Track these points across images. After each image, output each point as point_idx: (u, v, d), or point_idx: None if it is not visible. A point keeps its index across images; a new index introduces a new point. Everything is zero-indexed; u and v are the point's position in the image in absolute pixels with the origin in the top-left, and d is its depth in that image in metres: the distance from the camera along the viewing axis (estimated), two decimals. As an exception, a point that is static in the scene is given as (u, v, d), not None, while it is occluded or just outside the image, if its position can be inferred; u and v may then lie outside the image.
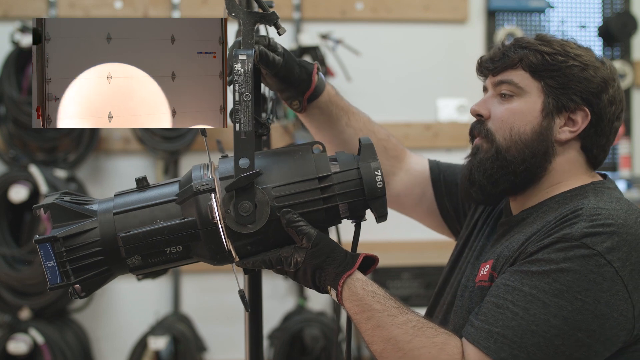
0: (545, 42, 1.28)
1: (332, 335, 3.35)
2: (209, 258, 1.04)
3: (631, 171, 3.87)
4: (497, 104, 1.31)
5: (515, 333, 1.06)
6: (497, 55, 1.31)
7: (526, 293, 1.08)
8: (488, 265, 1.23)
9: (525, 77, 1.27)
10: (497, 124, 1.29)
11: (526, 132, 1.26)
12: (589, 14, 4.04)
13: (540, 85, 1.26)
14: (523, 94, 1.27)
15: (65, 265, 0.99)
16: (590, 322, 1.06)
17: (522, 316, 1.06)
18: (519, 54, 1.28)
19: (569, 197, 1.24)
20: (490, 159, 1.27)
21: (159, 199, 1.04)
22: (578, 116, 1.26)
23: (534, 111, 1.26)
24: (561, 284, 1.07)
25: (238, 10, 1.09)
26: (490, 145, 1.28)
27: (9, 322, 3.38)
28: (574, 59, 1.26)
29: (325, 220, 1.06)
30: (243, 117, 1.04)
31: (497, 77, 1.31)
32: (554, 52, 1.26)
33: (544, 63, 1.26)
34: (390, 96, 3.81)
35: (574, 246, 1.09)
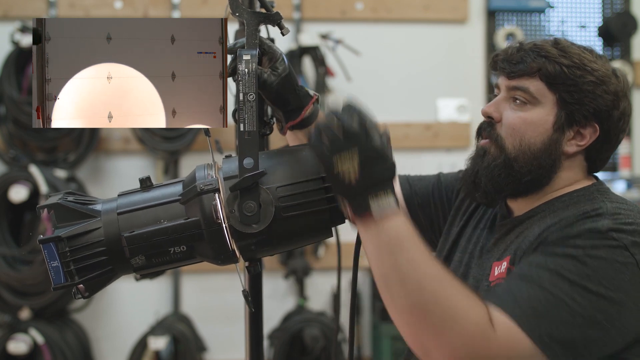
0: (564, 52, 1.26)
1: (332, 335, 3.35)
2: (213, 258, 1.03)
3: (631, 171, 3.88)
4: (509, 109, 1.29)
5: (541, 304, 1.06)
6: (514, 58, 1.28)
7: (552, 271, 1.10)
8: (505, 262, 1.24)
9: (541, 87, 1.26)
10: (508, 131, 1.27)
11: (536, 144, 1.26)
12: (589, 14, 4.05)
13: (555, 97, 1.26)
14: (537, 103, 1.26)
15: (70, 265, 0.99)
16: (610, 307, 1.08)
17: (550, 290, 1.07)
18: (538, 62, 1.26)
19: (576, 197, 1.26)
20: (498, 166, 1.27)
21: (163, 199, 1.04)
22: (587, 131, 1.27)
23: (546, 123, 1.26)
24: (588, 268, 1.09)
25: (242, 10, 1.09)
26: (499, 151, 1.28)
27: (9, 322, 3.38)
28: (590, 73, 1.25)
29: (329, 220, 1.06)
30: (247, 117, 1.04)
31: (513, 81, 1.29)
32: (573, 65, 1.25)
33: (562, 76, 1.25)
34: (390, 96, 3.81)
35: (601, 238, 1.11)
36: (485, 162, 1.29)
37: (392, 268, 1.03)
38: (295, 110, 1.23)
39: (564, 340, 1.05)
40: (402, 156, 3.91)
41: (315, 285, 3.72)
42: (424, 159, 3.76)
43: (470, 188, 1.32)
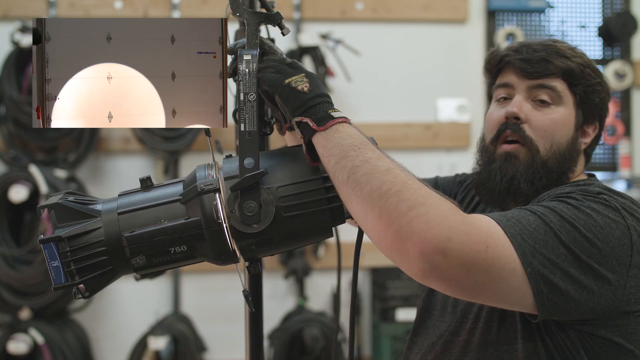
0: (575, 53, 1.29)
1: (332, 335, 3.35)
2: (214, 258, 1.03)
3: (631, 171, 3.88)
4: (532, 109, 1.29)
5: (529, 224, 1.04)
6: (534, 59, 1.29)
7: (545, 206, 1.10)
8: None
9: (564, 87, 1.28)
10: (539, 132, 1.28)
11: (563, 144, 1.28)
12: (589, 14, 4.05)
13: (574, 97, 1.29)
14: (561, 103, 1.28)
15: (70, 265, 0.99)
16: (595, 254, 1.06)
17: (539, 217, 1.06)
18: (561, 62, 1.27)
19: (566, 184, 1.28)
20: (536, 169, 1.27)
21: (164, 199, 1.04)
22: (590, 128, 1.31)
23: (570, 123, 1.29)
24: (581, 213, 1.09)
25: (242, 10, 1.09)
26: (532, 154, 1.27)
27: (9, 322, 3.38)
28: (595, 72, 1.29)
29: (330, 220, 1.05)
30: (248, 117, 1.04)
31: (537, 81, 1.29)
32: (585, 64, 1.29)
33: (581, 76, 1.28)
34: (390, 96, 3.82)
35: (594, 196, 1.13)
36: (521, 166, 1.27)
37: (362, 163, 0.99)
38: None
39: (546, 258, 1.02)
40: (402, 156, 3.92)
41: (315, 285, 3.72)
42: (424, 159, 3.76)
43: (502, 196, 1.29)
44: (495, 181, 1.29)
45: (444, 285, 0.97)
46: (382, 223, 0.96)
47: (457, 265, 0.94)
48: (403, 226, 0.94)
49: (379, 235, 0.98)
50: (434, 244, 0.93)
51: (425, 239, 0.93)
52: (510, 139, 1.29)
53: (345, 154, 1.00)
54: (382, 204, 0.96)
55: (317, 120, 1.03)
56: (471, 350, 1.26)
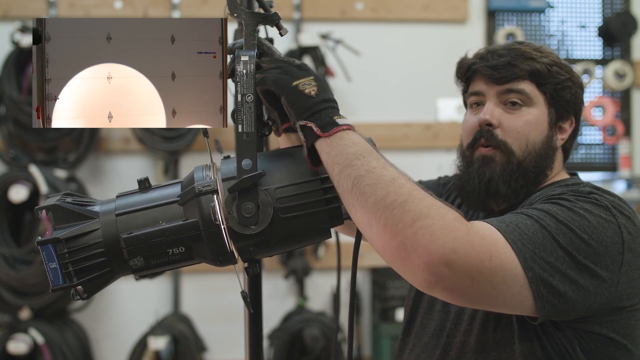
0: (544, 53, 1.33)
1: (332, 335, 3.35)
2: (212, 259, 1.03)
3: (631, 171, 3.88)
4: (504, 113, 1.32)
5: (528, 229, 1.06)
6: (500, 65, 1.31)
7: (539, 209, 1.12)
8: None
9: (532, 88, 1.31)
10: (512, 135, 1.30)
11: (538, 143, 1.30)
12: (589, 14, 4.04)
13: (545, 97, 1.31)
14: (532, 104, 1.31)
15: (68, 267, 0.98)
16: (590, 253, 1.09)
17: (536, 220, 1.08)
18: (527, 65, 1.30)
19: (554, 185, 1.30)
20: (512, 170, 1.29)
21: (161, 200, 1.03)
22: (566, 124, 1.35)
23: (543, 122, 1.31)
24: (575, 214, 1.11)
25: (240, 10, 1.09)
26: (507, 157, 1.30)
27: (9, 322, 3.38)
28: (563, 69, 1.32)
29: (328, 221, 1.05)
30: (245, 118, 1.04)
31: (505, 85, 1.32)
32: (552, 63, 1.32)
33: (549, 76, 1.31)
34: (390, 96, 3.82)
35: (585, 196, 1.15)
36: (497, 168, 1.30)
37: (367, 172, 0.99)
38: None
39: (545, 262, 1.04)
40: (402, 156, 3.93)
41: (315, 285, 3.72)
42: (424, 159, 3.76)
43: (481, 198, 1.31)
44: (474, 184, 1.32)
45: (448, 294, 0.98)
46: (386, 234, 0.97)
47: (462, 276, 0.96)
48: (408, 238, 0.95)
49: (384, 245, 0.98)
50: (439, 255, 0.94)
51: (431, 251, 0.94)
52: (485, 144, 1.32)
53: (349, 162, 1.00)
54: (387, 215, 0.96)
55: (321, 126, 1.03)
56: (468, 352, 1.26)
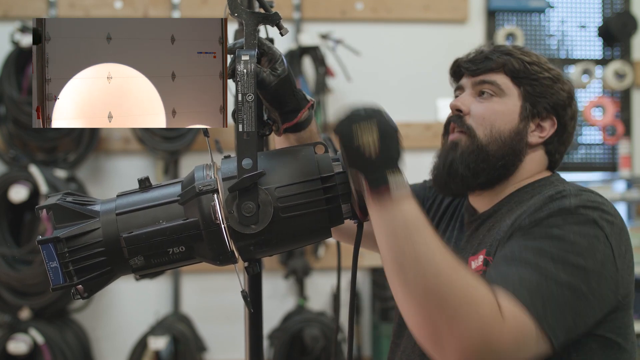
0: (524, 52, 1.38)
1: (332, 335, 3.35)
2: (212, 259, 1.03)
3: (631, 171, 3.88)
4: (476, 102, 1.36)
5: (531, 282, 1.08)
6: (478, 58, 1.39)
7: (534, 249, 1.12)
8: (481, 255, 1.27)
9: (506, 81, 1.35)
10: (478, 120, 1.35)
11: (505, 131, 1.33)
12: (589, 14, 4.05)
13: (519, 90, 1.35)
14: (503, 95, 1.35)
15: (68, 266, 0.99)
16: (591, 278, 1.11)
17: (535, 269, 1.09)
18: (502, 59, 1.36)
19: (538, 186, 1.33)
20: (473, 152, 1.33)
21: (162, 200, 1.03)
22: (547, 124, 1.36)
23: (513, 113, 1.34)
24: (565, 243, 1.12)
25: (241, 10, 1.09)
26: (471, 140, 1.34)
27: (9, 322, 3.38)
28: (547, 71, 1.36)
29: (328, 220, 1.05)
30: (246, 117, 1.04)
31: (479, 77, 1.37)
32: (533, 62, 1.36)
33: (525, 71, 1.35)
34: (390, 96, 3.81)
35: (572, 214, 1.16)
36: (458, 151, 1.34)
37: (408, 251, 1.01)
38: (292, 112, 1.22)
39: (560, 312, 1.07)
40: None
41: (315, 285, 3.72)
42: (424, 159, 3.73)
43: (444, 180, 1.36)
44: (439, 167, 1.36)
45: None
46: (421, 317, 1.01)
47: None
48: (443, 326, 1.00)
49: (417, 325, 1.03)
50: (472, 349, 0.99)
51: (464, 346, 0.99)
52: (456, 130, 1.37)
53: (396, 233, 1.01)
54: (424, 299, 1.00)
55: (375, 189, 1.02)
56: None
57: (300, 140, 1.26)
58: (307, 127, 1.26)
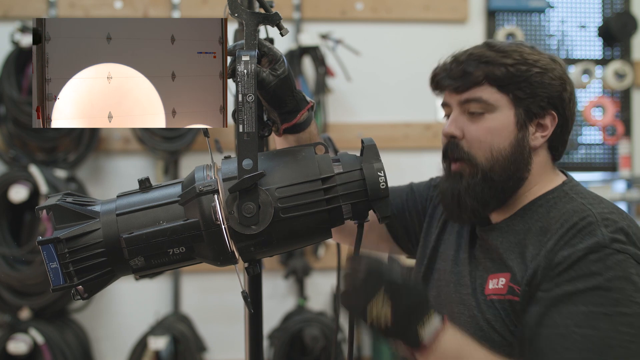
0: (503, 52, 1.28)
1: (332, 335, 3.35)
2: (212, 259, 1.03)
3: (631, 171, 3.87)
4: (468, 122, 1.29)
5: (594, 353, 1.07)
6: (456, 73, 1.29)
7: (586, 312, 1.10)
8: (503, 278, 1.24)
9: (492, 92, 1.27)
10: (475, 145, 1.28)
11: (506, 149, 1.27)
12: (589, 14, 4.04)
13: (509, 98, 1.27)
14: (493, 109, 1.27)
15: (68, 267, 0.99)
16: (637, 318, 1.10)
17: (593, 334, 1.08)
18: (481, 70, 1.27)
19: (552, 200, 1.28)
20: (478, 183, 1.27)
21: (162, 200, 1.03)
22: (547, 120, 1.29)
23: (509, 125, 1.27)
24: (614, 292, 1.10)
25: (241, 10, 1.09)
26: (474, 168, 1.28)
27: (9, 322, 3.38)
28: (534, 65, 1.27)
29: (329, 221, 1.05)
30: (246, 118, 1.04)
31: (463, 95, 1.29)
32: (515, 62, 1.26)
33: (509, 76, 1.26)
34: (390, 96, 3.81)
35: (609, 254, 1.13)
36: (463, 183, 1.29)
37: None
38: (291, 112, 1.22)
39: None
40: (402, 156, 3.93)
41: (315, 285, 3.72)
42: (423, 159, 3.76)
43: (455, 211, 1.32)
44: (448, 200, 1.32)
45: None
46: None
47: None
48: None
49: None
50: None
51: None
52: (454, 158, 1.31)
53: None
54: None
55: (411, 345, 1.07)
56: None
57: (299, 142, 1.26)
58: (306, 128, 1.26)
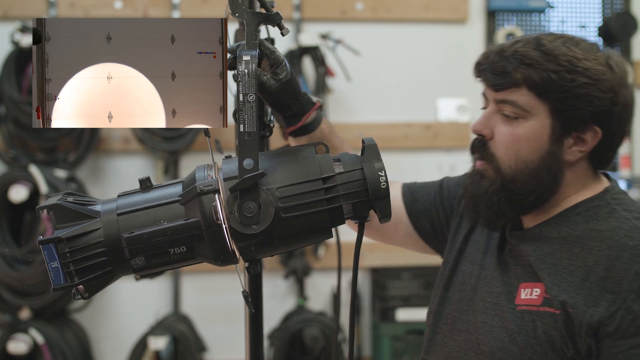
0: (550, 55, 1.16)
1: (332, 335, 3.35)
2: (213, 259, 1.03)
3: (631, 171, 3.88)
4: (500, 122, 1.22)
5: None
6: (497, 68, 1.20)
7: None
8: (538, 289, 1.18)
9: (530, 98, 1.17)
10: (501, 150, 1.20)
11: (533, 160, 1.18)
12: (589, 14, 4.04)
13: (548, 106, 1.17)
14: (529, 116, 1.18)
15: (69, 266, 0.98)
16: None
17: None
18: (522, 72, 1.17)
19: (592, 209, 1.20)
20: (495, 192, 1.20)
21: (163, 200, 1.03)
22: (588, 136, 1.19)
23: (541, 136, 1.18)
24: None
25: (242, 10, 1.09)
26: (496, 174, 1.21)
27: (9, 322, 3.38)
28: (582, 74, 1.15)
29: (329, 221, 1.05)
30: (247, 117, 1.04)
31: (499, 94, 1.21)
32: (561, 68, 1.15)
33: (551, 84, 1.15)
34: (390, 96, 3.81)
35: None
36: (482, 187, 1.23)
37: None
38: (296, 116, 1.22)
39: None
40: (402, 156, 3.93)
41: (315, 285, 3.72)
42: (424, 159, 3.76)
43: (472, 213, 1.28)
44: (467, 198, 1.28)
45: None
46: None
47: None
48: None
49: None
50: None
51: None
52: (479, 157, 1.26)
53: None
54: None
55: None
56: None
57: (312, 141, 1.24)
58: (316, 128, 1.25)
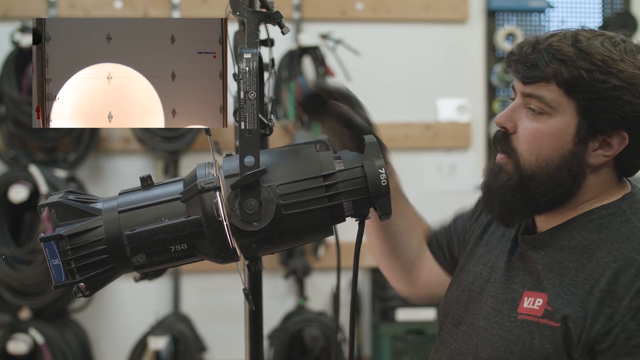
0: (584, 53, 1.12)
1: (332, 335, 3.35)
2: (214, 256, 1.03)
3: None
4: (525, 117, 1.18)
5: None
6: (529, 60, 1.15)
7: None
8: (540, 299, 1.16)
9: (559, 95, 1.13)
10: (523, 145, 1.17)
11: (554, 160, 1.15)
12: (589, 14, 4.05)
13: (575, 105, 1.13)
14: (555, 113, 1.14)
15: (70, 264, 0.99)
16: None
17: None
18: (553, 67, 1.12)
19: (606, 217, 1.17)
20: (511, 187, 1.18)
21: (164, 197, 1.04)
22: (614, 140, 1.14)
23: (565, 136, 1.14)
24: None
25: (242, 9, 1.09)
26: (515, 169, 1.18)
27: (9, 322, 3.38)
28: (615, 76, 1.10)
29: (330, 218, 1.06)
30: (248, 115, 1.04)
31: (527, 88, 1.16)
32: (594, 68, 1.11)
33: (582, 82, 1.11)
34: (390, 96, 3.82)
35: None
36: (499, 181, 1.20)
37: None
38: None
39: None
40: (402, 156, 3.92)
41: (315, 285, 3.72)
42: (424, 159, 3.76)
43: (486, 205, 1.26)
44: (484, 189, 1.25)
45: None
46: None
47: None
48: None
49: None
50: None
51: None
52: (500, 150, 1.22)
53: None
54: None
55: None
56: None
57: None
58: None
